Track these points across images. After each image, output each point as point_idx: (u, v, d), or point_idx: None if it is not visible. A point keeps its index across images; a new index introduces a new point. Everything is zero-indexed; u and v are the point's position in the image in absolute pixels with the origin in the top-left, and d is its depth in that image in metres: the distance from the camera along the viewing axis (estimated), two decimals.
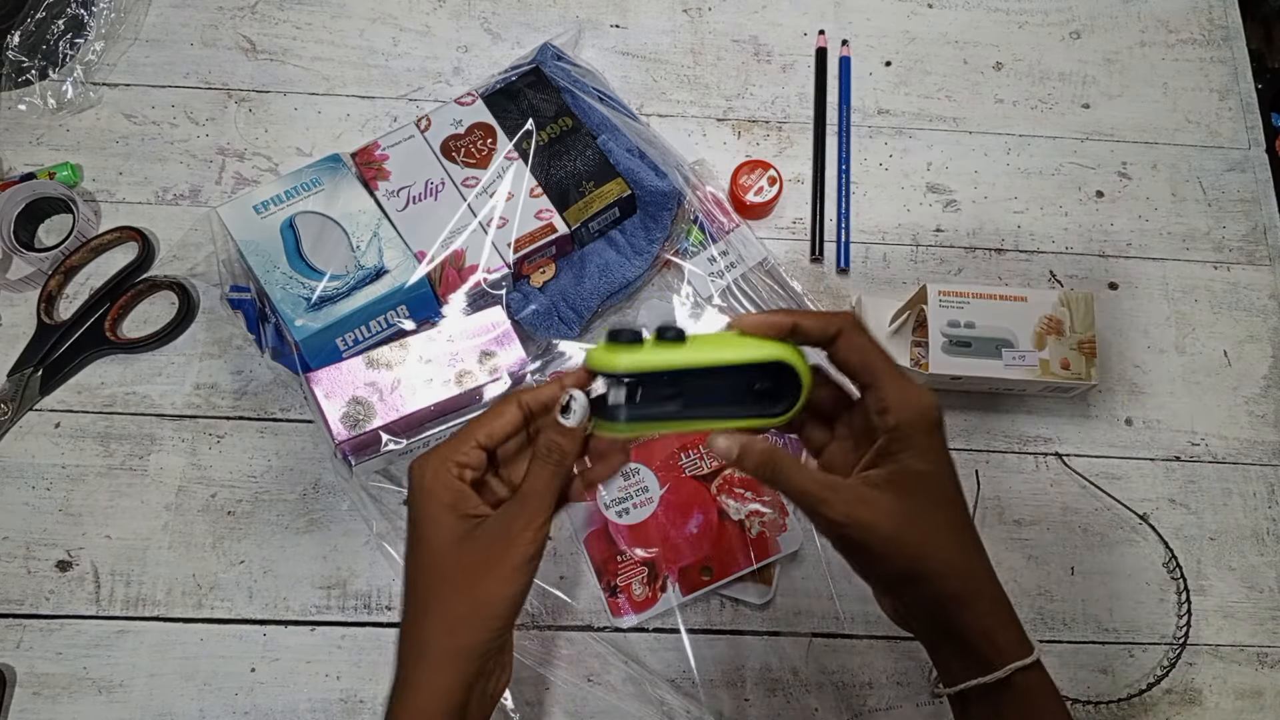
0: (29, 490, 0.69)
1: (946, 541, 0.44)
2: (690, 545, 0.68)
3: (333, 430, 0.64)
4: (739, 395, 0.45)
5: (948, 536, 0.44)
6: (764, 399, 0.46)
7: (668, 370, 0.43)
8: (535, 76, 0.76)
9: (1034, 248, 0.80)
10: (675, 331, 0.44)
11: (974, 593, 0.44)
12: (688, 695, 0.65)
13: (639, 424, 0.44)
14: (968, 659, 0.44)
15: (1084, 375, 0.68)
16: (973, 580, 0.44)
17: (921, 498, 0.43)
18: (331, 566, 0.68)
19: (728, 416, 0.45)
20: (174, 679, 0.65)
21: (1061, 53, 0.86)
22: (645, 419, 0.44)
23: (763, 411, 0.46)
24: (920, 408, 0.43)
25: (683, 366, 0.43)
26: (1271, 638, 0.69)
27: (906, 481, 0.43)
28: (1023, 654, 0.43)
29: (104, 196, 0.77)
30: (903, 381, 0.43)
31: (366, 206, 0.70)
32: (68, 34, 0.80)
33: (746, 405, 0.45)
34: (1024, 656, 0.43)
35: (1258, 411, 0.75)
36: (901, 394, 0.43)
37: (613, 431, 0.44)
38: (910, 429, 0.42)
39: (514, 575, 0.44)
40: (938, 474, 0.43)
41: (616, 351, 0.43)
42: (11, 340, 0.72)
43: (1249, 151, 0.83)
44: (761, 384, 0.45)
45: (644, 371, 0.43)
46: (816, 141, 0.82)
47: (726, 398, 0.45)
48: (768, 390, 0.45)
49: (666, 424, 0.44)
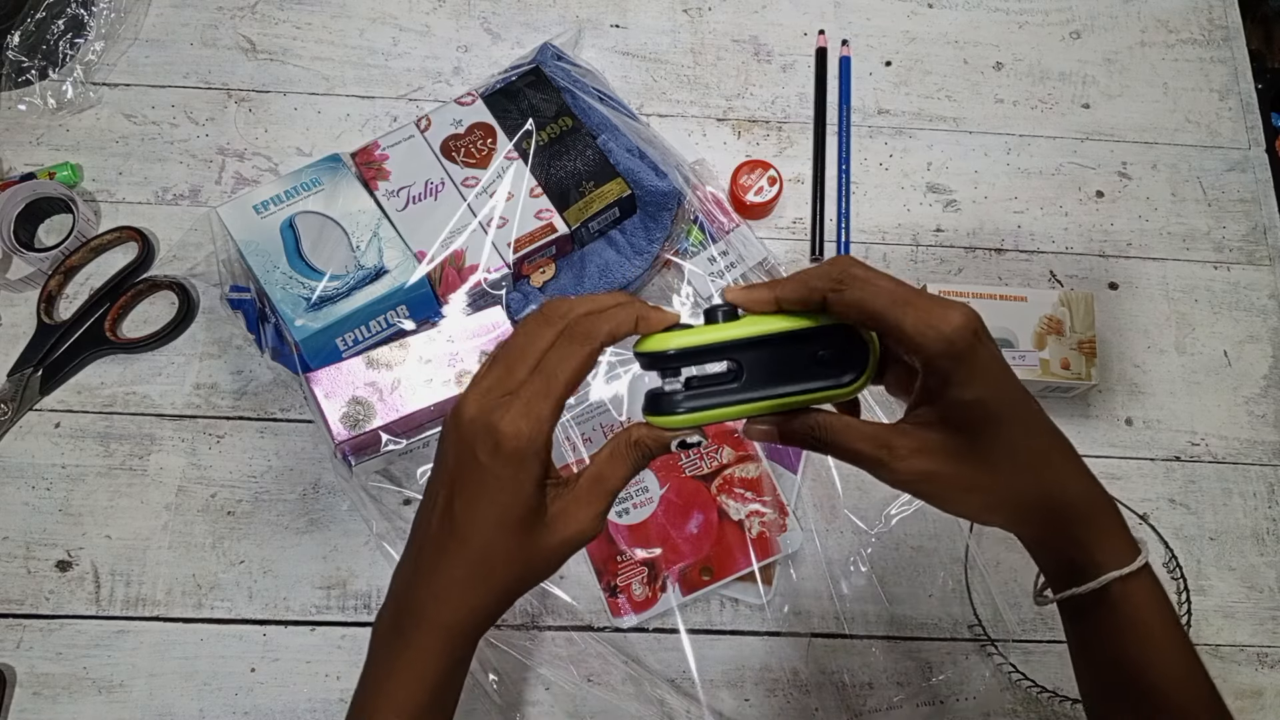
0: (29, 490, 0.69)
1: (1013, 465, 0.40)
2: (690, 545, 0.68)
3: (333, 430, 0.64)
4: (802, 368, 0.41)
5: (1012, 460, 0.40)
6: (830, 368, 0.42)
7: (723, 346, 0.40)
8: (535, 76, 0.76)
9: (1034, 248, 0.80)
10: (727, 308, 0.41)
11: (1058, 507, 0.41)
12: (688, 695, 0.65)
13: (698, 414, 0.41)
14: (1067, 569, 0.42)
15: (1084, 375, 0.68)
16: (1053, 494, 0.41)
17: (976, 428, 0.39)
18: (331, 566, 0.68)
19: (794, 394, 0.41)
20: (174, 679, 0.65)
21: (1061, 53, 0.86)
22: (704, 408, 0.41)
23: (831, 383, 0.42)
24: (947, 334, 0.37)
25: (737, 339, 0.40)
26: (1271, 638, 0.69)
27: (956, 415, 0.39)
28: (1122, 563, 0.41)
29: (104, 196, 0.77)
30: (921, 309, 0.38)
31: (366, 206, 0.70)
32: (68, 34, 0.80)
33: (812, 378, 0.42)
34: (1123, 566, 0.41)
35: (1258, 411, 0.75)
36: (923, 324, 0.38)
37: (670, 425, 0.41)
38: (945, 359, 0.38)
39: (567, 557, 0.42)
40: (987, 397, 0.39)
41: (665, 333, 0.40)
42: (11, 340, 0.72)
43: (1249, 151, 0.83)
44: (825, 352, 0.41)
45: (698, 347, 0.40)
46: (816, 141, 0.82)
47: (789, 373, 0.41)
48: (833, 358, 0.42)
49: (727, 409, 0.41)
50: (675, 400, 0.41)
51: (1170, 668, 0.42)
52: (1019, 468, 0.41)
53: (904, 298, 0.38)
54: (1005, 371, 0.40)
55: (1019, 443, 0.40)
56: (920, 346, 0.38)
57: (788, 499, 0.69)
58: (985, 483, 0.41)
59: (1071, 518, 0.42)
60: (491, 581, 0.41)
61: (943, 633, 0.68)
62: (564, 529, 0.41)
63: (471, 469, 0.39)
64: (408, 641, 0.42)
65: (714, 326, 0.41)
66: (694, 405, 0.41)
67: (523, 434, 0.38)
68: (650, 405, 0.41)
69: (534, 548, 0.41)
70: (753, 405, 0.41)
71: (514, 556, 0.41)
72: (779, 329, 0.41)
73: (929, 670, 0.67)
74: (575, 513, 0.41)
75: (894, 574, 0.69)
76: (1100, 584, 0.41)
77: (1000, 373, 0.40)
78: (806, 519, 0.70)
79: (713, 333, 0.40)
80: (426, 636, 0.42)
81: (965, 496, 0.41)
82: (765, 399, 0.41)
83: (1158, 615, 0.42)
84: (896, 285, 0.39)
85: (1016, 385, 0.40)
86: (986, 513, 0.42)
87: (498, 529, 0.40)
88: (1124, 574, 0.41)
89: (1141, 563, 0.41)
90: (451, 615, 0.41)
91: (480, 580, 0.41)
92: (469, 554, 0.41)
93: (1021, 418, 0.41)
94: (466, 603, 0.41)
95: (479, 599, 0.42)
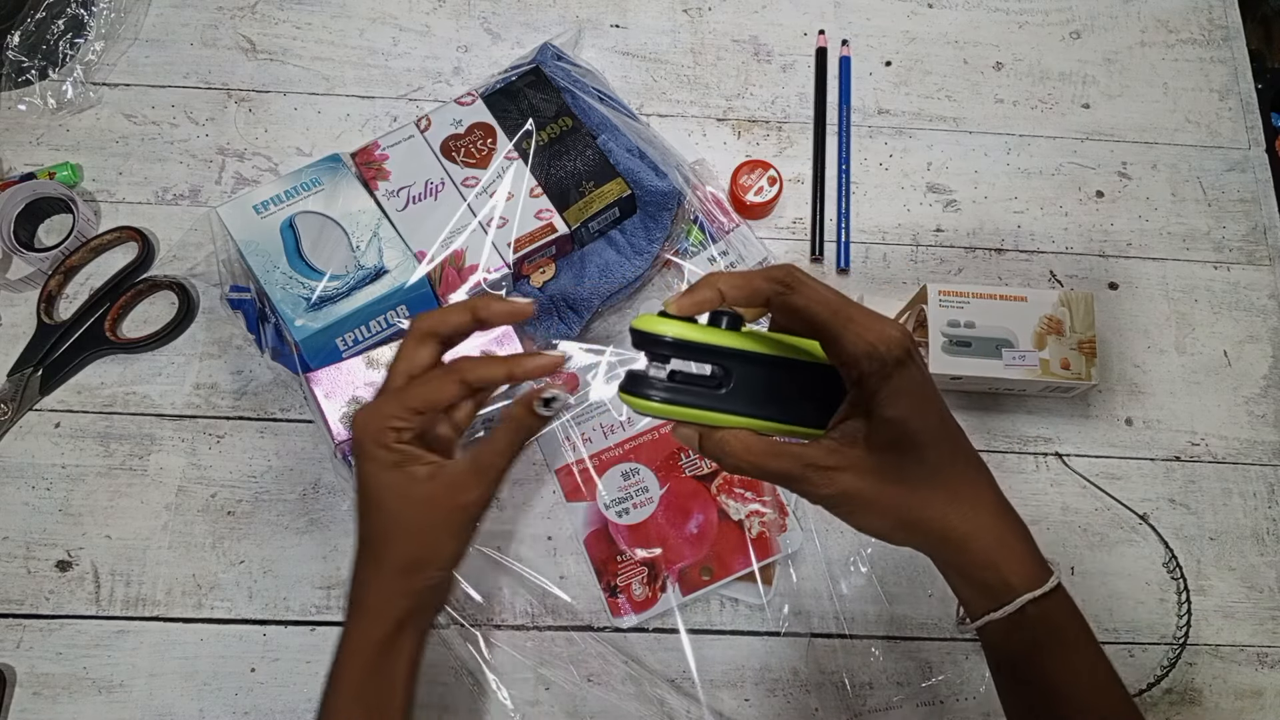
0: (29, 490, 0.69)
1: (929, 488, 0.41)
2: (690, 545, 0.68)
3: (333, 430, 0.64)
4: (786, 396, 0.42)
5: (929, 483, 0.41)
6: (811, 405, 0.42)
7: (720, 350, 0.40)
8: (535, 76, 0.76)
9: (1034, 248, 0.80)
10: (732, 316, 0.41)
11: (971, 531, 0.42)
12: (688, 695, 0.65)
13: (672, 406, 0.40)
14: (982, 594, 0.43)
15: (1084, 375, 0.68)
16: (967, 519, 0.42)
17: (898, 448, 0.40)
18: (331, 566, 0.68)
19: (769, 418, 0.42)
20: (174, 679, 0.65)
21: (1061, 53, 0.86)
22: (680, 403, 0.40)
23: (808, 419, 0.42)
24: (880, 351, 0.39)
25: (733, 348, 0.40)
26: (1271, 638, 0.69)
27: (879, 434, 0.40)
28: (1035, 585, 0.42)
29: (104, 196, 0.77)
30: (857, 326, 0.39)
31: (366, 206, 0.70)
32: (68, 34, 0.80)
33: (793, 409, 0.42)
34: (1035, 587, 0.42)
35: (1258, 411, 0.75)
36: (859, 338, 0.39)
37: (641, 408, 0.41)
38: (874, 377, 0.39)
39: (461, 531, 0.46)
40: (909, 417, 0.40)
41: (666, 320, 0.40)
42: (11, 340, 0.72)
43: (1249, 151, 0.83)
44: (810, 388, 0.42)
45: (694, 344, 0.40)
46: (816, 141, 0.82)
47: (773, 397, 0.42)
48: (816, 396, 0.42)
49: (704, 412, 0.41)
50: (653, 385, 0.40)
51: (1086, 683, 0.43)
52: (934, 491, 0.41)
53: (845, 310, 0.39)
54: (930, 393, 0.41)
55: (936, 466, 0.41)
56: (854, 360, 0.39)
57: (788, 499, 0.69)
58: (901, 503, 0.41)
59: (984, 543, 0.42)
60: (384, 561, 0.46)
61: (943, 633, 0.68)
62: (448, 500, 0.46)
63: (355, 464, 0.47)
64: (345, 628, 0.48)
65: (716, 329, 0.41)
66: (671, 397, 0.40)
67: (363, 426, 0.45)
68: (627, 382, 0.41)
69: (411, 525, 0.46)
70: (731, 417, 0.41)
71: (393, 535, 0.46)
72: (777, 353, 0.41)
73: (929, 670, 0.67)
74: (457, 484, 0.46)
75: (894, 574, 0.69)
76: (1015, 607, 0.42)
77: (925, 394, 0.41)
78: (806, 519, 0.70)
79: (714, 335, 0.41)
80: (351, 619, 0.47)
81: (880, 516, 0.42)
82: (745, 415, 0.41)
83: (1073, 634, 0.43)
84: (838, 297, 0.40)
85: (940, 408, 0.42)
86: (900, 533, 0.43)
87: (373, 512, 0.46)
88: (1036, 595, 0.42)
89: (1053, 584, 0.42)
90: (359, 593, 0.47)
91: (372, 560, 0.47)
92: (362, 541, 0.47)
93: (941, 441, 0.41)
94: (367, 581, 0.47)
95: (379, 578, 0.47)
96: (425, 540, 0.46)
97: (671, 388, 0.41)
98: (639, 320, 0.41)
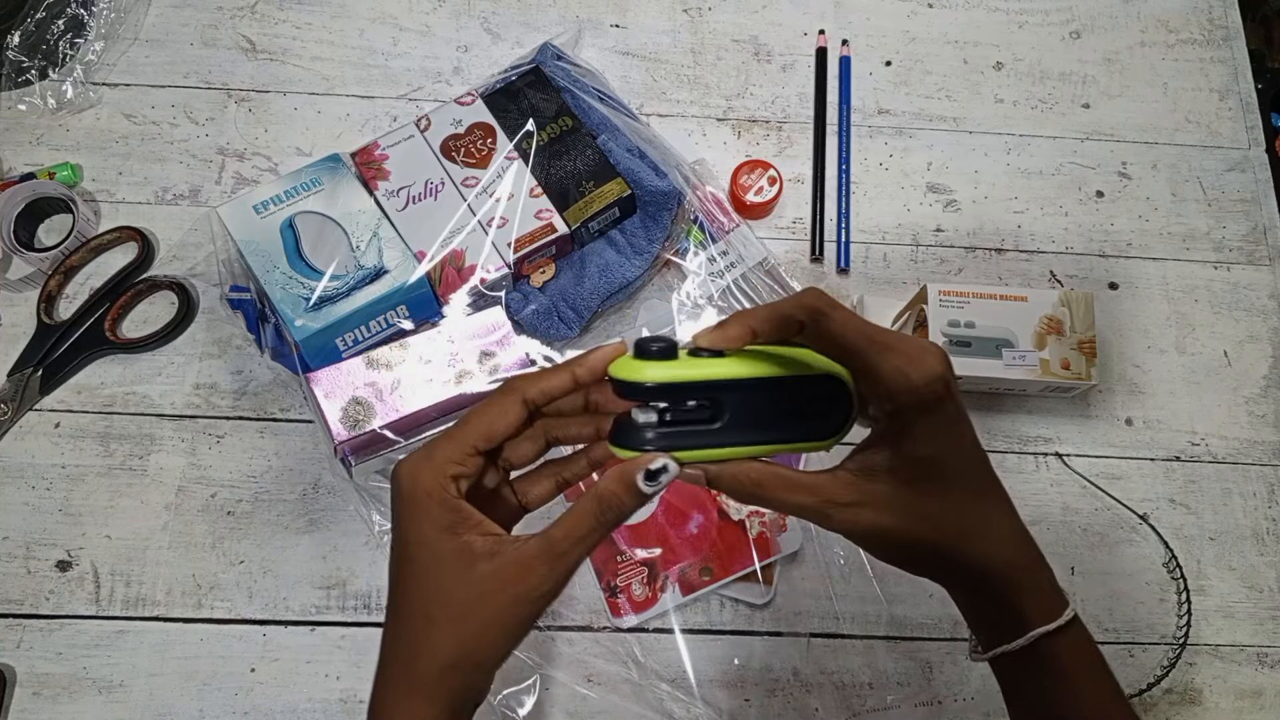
0: (29, 490, 0.69)
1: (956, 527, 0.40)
2: (690, 545, 0.68)
3: (333, 430, 0.64)
4: (783, 416, 0.40)
5: (957, 522, 0.40)
6: (810, 419, 0.40)
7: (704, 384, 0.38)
8: (535, 76, 0.76)
9: (1034, 248, 0.80)
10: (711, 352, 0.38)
11: (990, 568, 0.41)
12: (687, 695, 0.65)
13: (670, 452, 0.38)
14: (997, 626, 0.42)
15: (1084, 375, 0.68)
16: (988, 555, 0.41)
17: (926, 484, 0.39)
18: (331, 566, 0.68)
19: (771, 441, 0.40)
20: (174, 679, 0.65)
21: (1061, 53, 0.86)
22: (677, 446, 0.38)
23: (810, 433, 0.40)
24: (916, 386, 0.37)
25: (721, 379, 0.38)
26: (1271, 638, 0.69)
27: (907, 469, 0.39)
28: (1049, 619, 0.41)
29: (104, 196, 0.77)
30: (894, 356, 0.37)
31: (366, 206, 0.70)
32: (68, 34, 0.80)
33: (793, 427, 0.40)
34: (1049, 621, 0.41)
35: (1258, 411, 0.75)
36: (895, 375, 0.37)
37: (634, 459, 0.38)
38: (910, 411, 0.38)
39: (517, 629, 0.38)
40: (943, 456, 0.39)
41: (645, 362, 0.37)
42: (11, 340, 0.72)
43: (1249, 151, 0.83)
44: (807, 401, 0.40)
45: (678, 383, 0.37)
46: (816, 141, 0.82)
47: (770, 419, 0.40)
48: (815, 408, 0.40)
49: (705, 450, 0.38)
50: (644, 431, 0.38)
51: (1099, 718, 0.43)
52: (960, 529, 0.40)
53: (881, 338, 0.38)
54: (965, 429, 0.40)
55: (962, 505, 0.40)
56: (891, 394, 0.38)
57: None
58: (921, 540, 0.40)
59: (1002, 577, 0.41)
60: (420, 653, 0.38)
61: (943, 633, 0.68)
62: (511, 588, 0.38)
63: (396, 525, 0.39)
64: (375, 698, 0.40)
65: (698, 362, 0.38)
66: (666, 443, 0.38)
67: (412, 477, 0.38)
68: (615, 434, 0.39)
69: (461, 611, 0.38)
70: (732, 450, 0.39)
71: (438, 620, 0.38)
72: (764, 374, 0.39)
73: (929, 670, 0.67)
74: (523, 570, 0.38)
75: (894, 574, 0.69)
76: (1028, 640, 0.41)
77: (960, 432, 0.40)
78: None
79: (696, 368, 0.38)
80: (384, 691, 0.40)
81: (899, 551, 0.41)
82: (746, 444, 0.39)
83: (1086, 668, 0.42)
84: (870, 324, 0.38)
85: (972, 442, 0.40)
86: (918, 567, 0.42)
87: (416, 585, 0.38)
88: (1050, 629, 0.41)
89: (1069, 617, 0.41)
90: (402, 670, 0.39)
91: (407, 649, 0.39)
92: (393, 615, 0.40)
93: (969, 478, 0.40)
94: (400, 658, 0.39)
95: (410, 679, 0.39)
96: (475, 632, 0.38)
97: (664, 432, 0.38)
98: (615, 367, 0.38)
